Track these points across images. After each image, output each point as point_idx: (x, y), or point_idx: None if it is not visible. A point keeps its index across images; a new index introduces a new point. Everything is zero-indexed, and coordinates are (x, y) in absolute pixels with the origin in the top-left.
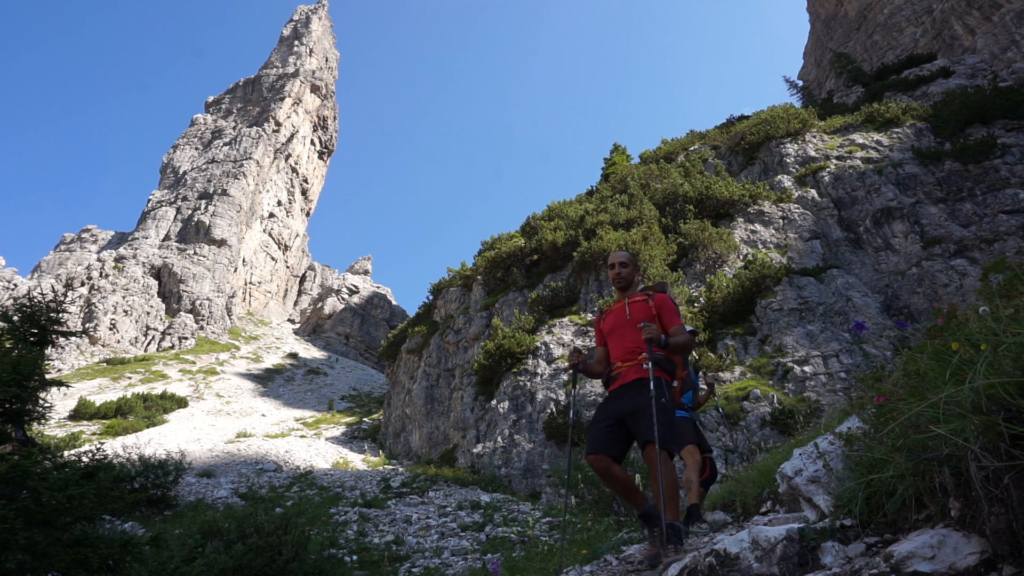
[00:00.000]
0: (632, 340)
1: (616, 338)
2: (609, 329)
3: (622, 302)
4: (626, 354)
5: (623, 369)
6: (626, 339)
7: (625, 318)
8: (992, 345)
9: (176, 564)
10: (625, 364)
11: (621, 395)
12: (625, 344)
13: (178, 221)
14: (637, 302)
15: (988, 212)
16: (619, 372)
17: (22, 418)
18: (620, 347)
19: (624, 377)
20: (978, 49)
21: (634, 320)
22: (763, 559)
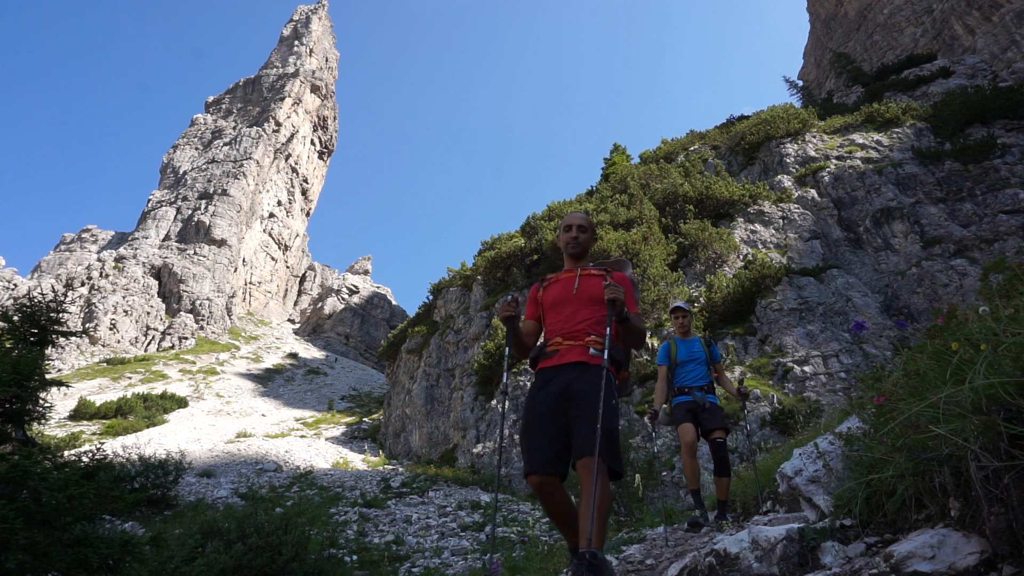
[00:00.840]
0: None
1: (557, 313)
2: (551, 302)
3: (572, 272)
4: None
5: (563, 348)
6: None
7: (572, 292)
8: (992, 345)
9: (176, 564)
10: (567, 343)
11: (555, 377)
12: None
13: (178, 221)
14: (592, 276)
15: (988, 212)
16: (556, 350)
17: (22, 418)
18: (561, 324)
19: (562, 356)
20: (978, 49)
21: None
22: (763, 559)
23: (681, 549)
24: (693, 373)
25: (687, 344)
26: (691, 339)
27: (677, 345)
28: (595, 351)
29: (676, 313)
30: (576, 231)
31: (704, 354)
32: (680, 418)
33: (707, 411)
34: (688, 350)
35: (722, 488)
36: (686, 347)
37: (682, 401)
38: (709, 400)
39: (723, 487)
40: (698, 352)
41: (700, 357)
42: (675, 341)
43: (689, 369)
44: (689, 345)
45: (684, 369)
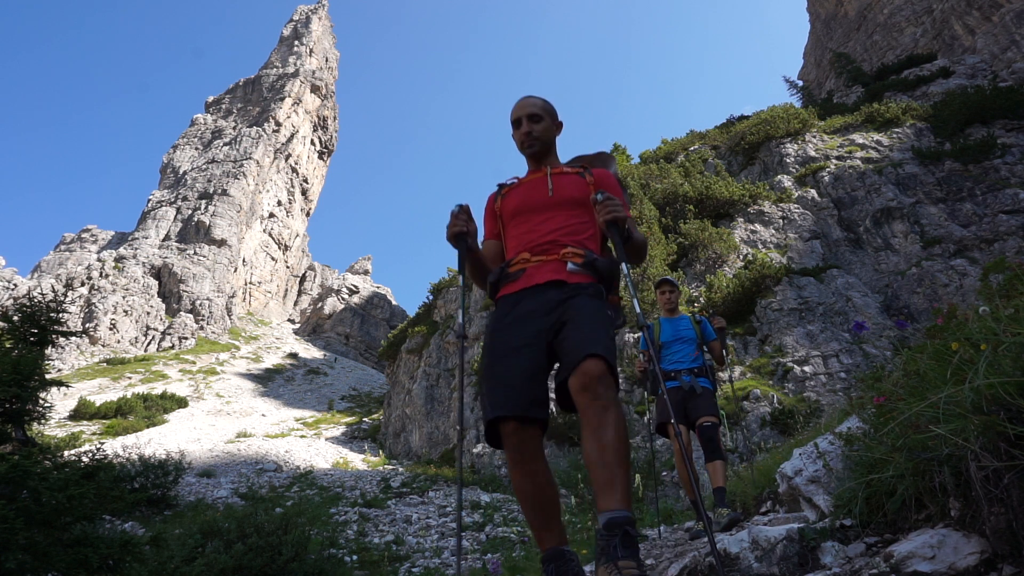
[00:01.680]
0: (553, 227)
1: (522, 224)
2: (513, 211)
3: (540, 173)
4: (538, 247)
5: (531, 265)
6: (542, 225)
7: (546, 194)
8: (992, 345)
9: (176, 564)
10: (536, 260)
11: (523, 301)
12: (538, 232)
13: (178, 221)
14: (567, 174)
15: (988, 212)
16: (521, 269)
17: (22, 418)
18: (530, 235)
19: (530, 277)
20: (978, 49)
21: (561, 198)
22: (763, 559)
23: (681, 549)
24: (680, 354)
25: (673, 323)
26: (678, 317)
27: (661, 325)
28: (574, 266)
29: (663, 288)
30: (527, 124)
31: (693, 332)
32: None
33: (698, 397)
34: (674, 329)
35: (717, 473)
36: (672, 326)
37: (669, 388)
38: (700, 384)
39: (718, 472)
40: (686, 331)
41: (688, 336)
42: (660, 322)
43: (675, 350)
44: (675, 324)
45: (669, 350)
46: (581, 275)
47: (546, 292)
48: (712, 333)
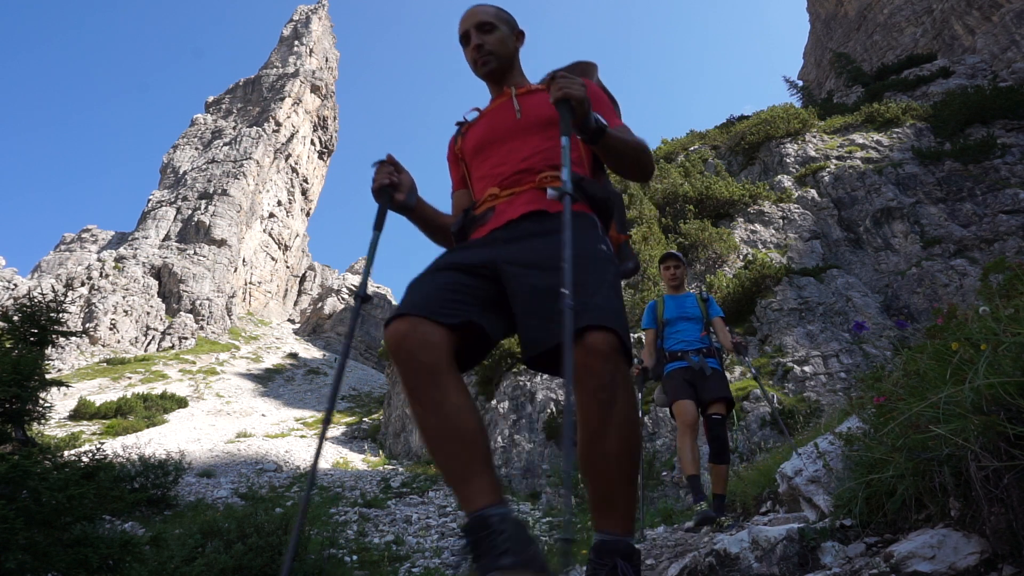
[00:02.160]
0: (525, 154)
1: (490, 157)
2: (476, 146)
3: (504, 96)
4: (511, 176)
5: (502, 201)
6: (510, 154)
7: (512, 118)
8: (992, 345)
9: (176, 564)
10: (506, 193)
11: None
12: (507, 163)
13: (178, 221)
14: (536, 92)
15: (988, 212)
16: (490, 208)
17: (22, 418)
18: (498, 169)
19: (501, 215)
20: (978, 49)
21: (532, 120)
22: (763, 559)
23: (681, 549)
24: (685, 333)
25: (678, 300)
26: (683, 294)
27: (665, 303)
28: (555, 192)
29: (667, 263)
30: (477, 36)
31: (699, 311)
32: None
33: (708, 379)
34: (679, 306)
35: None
36: (676, 304)
37: (676, 368)
38: (710, 365)
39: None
40: (691, 308)
41: (694, 314)
42: (663, 299)
43: (680, 328)
44: (680, 301)
45: (674, 328)
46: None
47: (522, 226)
48: (718, 309)
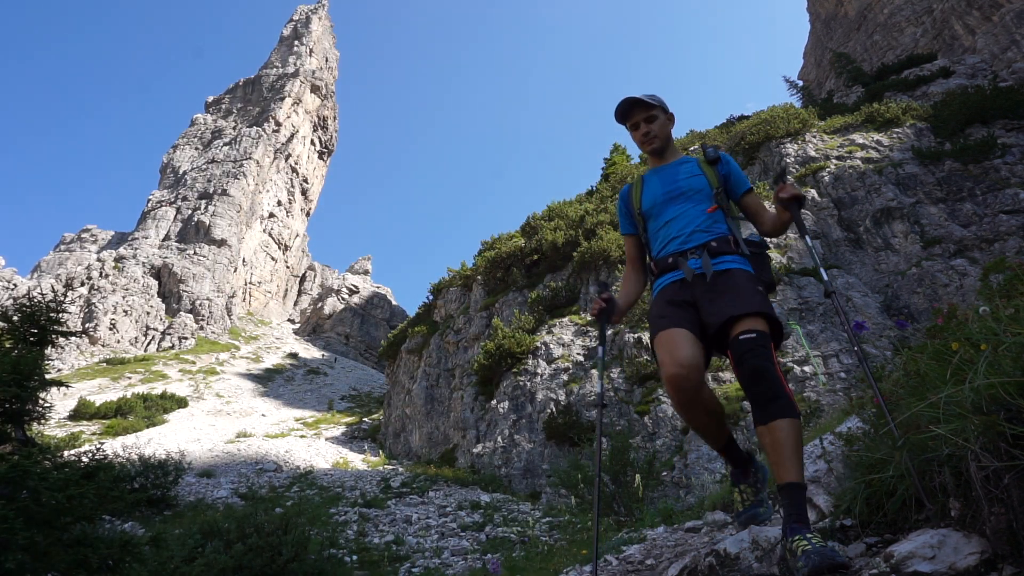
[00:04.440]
0: None
1: None
2: None
3: None
4: None
5: None
6: None
7: None
8: (992, 345)
9: (176, 564)
10: None
11: None
12: None
13: (178, 221)
14: None
15: (988, 212)
16: None
17: (22, 418)
18: None
19: None
20: (978, 49)
21: None
22: (763, 559)
23: (681, 549)
24: (682, 222)
25: (665, 173)
26: (672, 162)
27: (644, 183)
28: None
29: (632, 117)
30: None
31: (704, 181)
32: (659, 320)
33: (715, 290)
34: (666, 182)
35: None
36: (663, 179)
37: (665, 285)
38: (719, 267)
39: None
40: (688, 181)
41: (695, 187)
42: (641, 179)
43: (672, 216)
44: (669, 174)
45: (661, 220)
46: None
47: None
48: (743, 179)
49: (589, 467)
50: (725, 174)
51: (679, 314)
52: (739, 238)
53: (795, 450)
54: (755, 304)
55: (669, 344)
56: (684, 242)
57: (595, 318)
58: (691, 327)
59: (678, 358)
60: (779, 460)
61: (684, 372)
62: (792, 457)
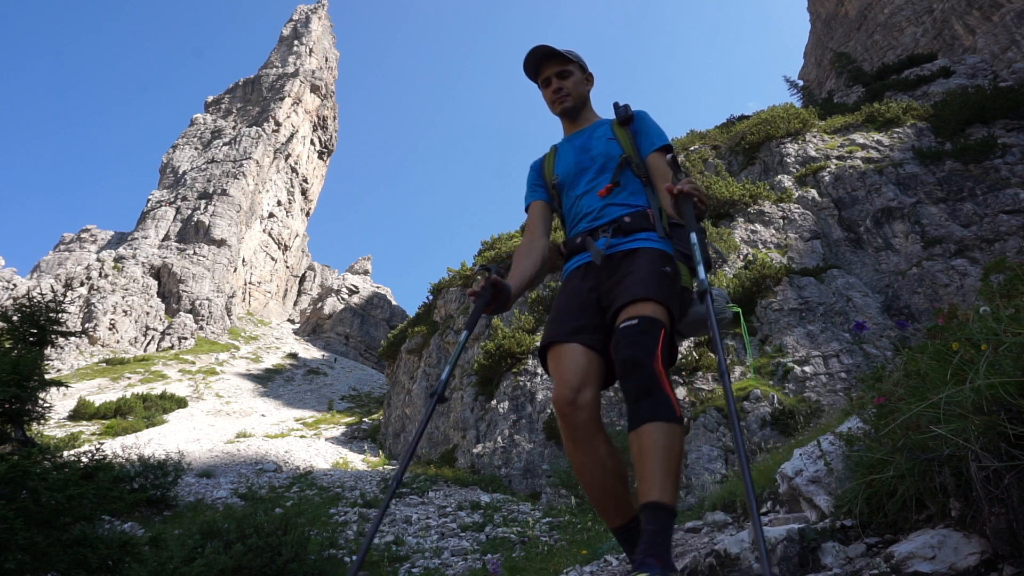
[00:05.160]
0: None
1: None
2: None
3: None
4: None
5: None
6: None
7: None
8: (993, 345)
9: (176, 564)
10: None
11: None
12: None
13: (178, 221)
14: None
15: (989, 212)
16: None
17: (22, 418)
18: None
19: None
20: (979, 49)
21: None
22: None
23: (681, 549)
24: (593, 195)
25: (578, 140)
26: (587, 127)
27: (558, 152)
28: None
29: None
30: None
31: (617, 146)
32: (550, 328)
33: (616, 276)
34: (580, 149)
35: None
36: (575, 147)
37: (571, 271)
38: (627, 246)
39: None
40: (602, 147)
41: (610, 155)
42: (554, 148)
43: (585, 190)
44: (582, 141)
45: (573, 192)
46: None
47: None
48: (654, 135)
49: None
50: (635, 131)
51: (576, 319)
52: (657, 211)
53: (664, 463)
54: (646, 289)
55: (557, 361)
56: (595, 218)
57: (472, 300)
58: (590, 336)
59: (566, 378)
60: (643, 473)
61: (570, 396)
62: (659, 471)
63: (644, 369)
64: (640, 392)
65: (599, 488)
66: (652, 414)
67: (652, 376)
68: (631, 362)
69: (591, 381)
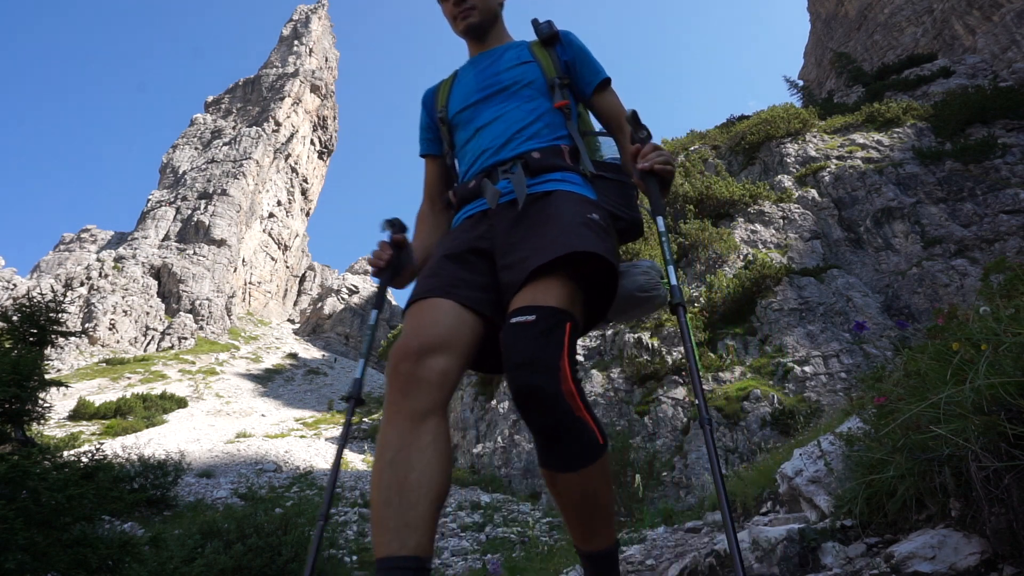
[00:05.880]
0: None
1: None
2: None
3: None
4: None
5: None
6: None
7: None
8: (993, 345)
9: (176, 564)
10: None
11: None
12: None
13: (178, 221)
14: None
15: (989, 212)
16: None
17: (22, 418)
18: None
19: None
20: (978, 49)
21: None
22: (763, 559)
23: (681, 550)
24: (500, 127)
25: (483, 62)
26: (496, 48)
27: (457, 78)
28: None
29: None
30: None
31: (537, 70)
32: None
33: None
34: (485, 73)
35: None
36: (478, 70)
37: (460, 222)
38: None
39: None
40: (514, 70)
41: (523, 80)
42: (454, 73)
43: (487, 121)
44: (488, 63)
45: (472, 124)
46: None
47: None
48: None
49: None
50: (568, 60)
51: (457, 271)
52: (582, 151)
53: (590, 512)
54: (565, 244)
55: (419, 316)
56: (496, 154)
57: (374, 274)
58: (473, 292)
59: (419, 331)
60: (568, 520)
61: (415, 350)
62: (587, 519)
63: (548, 402)
64: (547, 432)
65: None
66: (567, 463)
67: (560, 410)
68: (529, 393)
69: (455, 349)
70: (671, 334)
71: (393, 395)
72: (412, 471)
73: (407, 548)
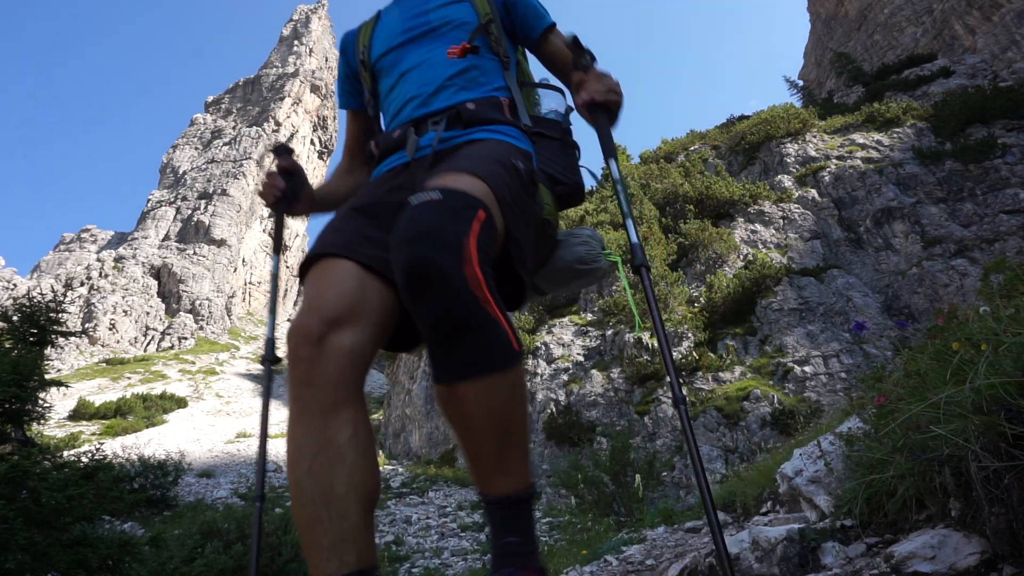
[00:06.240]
0: None
1: None
2: None
3: None
4: None
5: None
6: None
7: None
8: (993, 345)
9: (175, 564)
10: None
11: None
12: None
13: (178, 221)
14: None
15: (989, 212)
16: None
17: (22, 418)
18: None
19: None
20: (978, 49)
21: None
22: (763, 559)
23: (681, 550)
24: (427, 73)
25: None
26: None
27: (380, 19)
28: None
29: None
30: None
31: (469, 9)
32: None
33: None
34: (410, 13)
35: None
36: (403, 9)
37: (379, 176)
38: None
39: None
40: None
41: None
42: (377, 14)
43: (412, 65)
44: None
45: (396, 69)
46: None
47: None
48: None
49: (589, 467)
50: (507, 1)
51: (362, 231)
52: (519, 104)
53: (499, 439)
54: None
55: (316, 283)
56: (424, 104)
57: (269, 205)
58: (377, 258)
59: (319, 303)
60: (472, 456)
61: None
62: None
63: (446, 282)
64: (443, 325)
65: (319, 497)
66: (468, 369)
67: (462, 297)
68: (423, 269)
69: (363, 319)
70: (671, 333)
71: (296, 387)
72: (336, 479)
73: (348, 565)
